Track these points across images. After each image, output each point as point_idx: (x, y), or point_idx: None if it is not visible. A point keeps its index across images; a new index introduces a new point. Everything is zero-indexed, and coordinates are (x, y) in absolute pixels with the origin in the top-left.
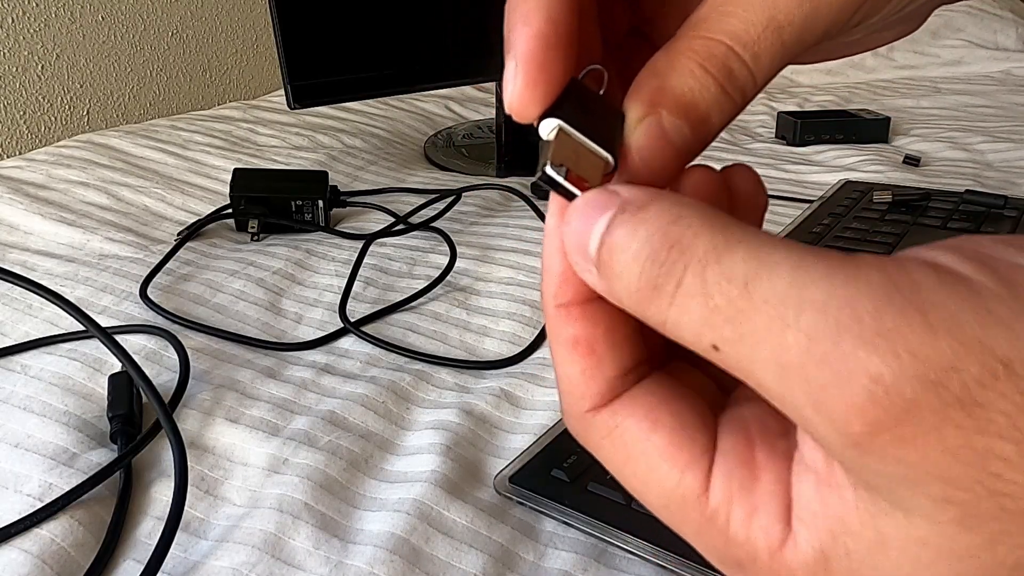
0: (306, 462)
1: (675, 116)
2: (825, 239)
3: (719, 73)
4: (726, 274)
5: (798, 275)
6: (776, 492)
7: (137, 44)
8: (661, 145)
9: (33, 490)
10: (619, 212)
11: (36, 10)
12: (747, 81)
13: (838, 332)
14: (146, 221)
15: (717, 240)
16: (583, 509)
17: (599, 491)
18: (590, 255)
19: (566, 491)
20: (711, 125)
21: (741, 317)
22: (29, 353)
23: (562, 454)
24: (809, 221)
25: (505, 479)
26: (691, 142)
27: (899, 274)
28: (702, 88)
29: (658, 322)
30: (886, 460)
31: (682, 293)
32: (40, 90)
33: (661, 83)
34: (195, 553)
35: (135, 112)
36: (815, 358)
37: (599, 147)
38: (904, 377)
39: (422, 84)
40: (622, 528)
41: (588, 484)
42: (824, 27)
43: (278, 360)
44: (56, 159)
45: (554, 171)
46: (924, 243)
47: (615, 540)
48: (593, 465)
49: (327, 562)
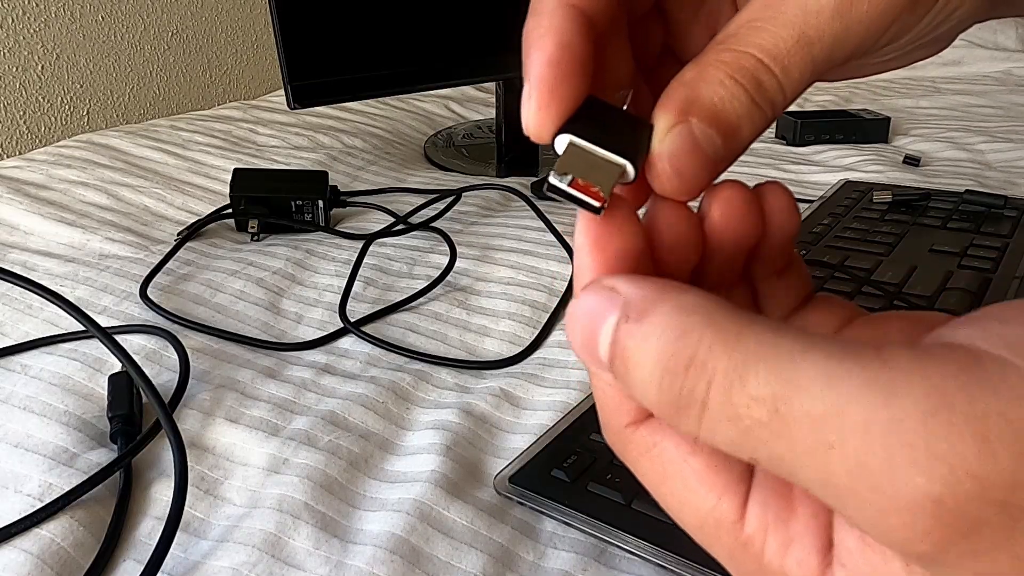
0: (306, 462)
1: (706, 125)
2: (825, 239)
3: (749, 84)
4: (752, 396)
5: (831, 395)
6: (813, 529)
7: (137, 44)
8: (691, 153)
9: (33, 490)
10: (623, 320)
11: (36, 10)
12: (776, 94)
13: (889, 457)
14: (146, 221)
15: (735, 359)
16: (583, 509)
17: (599, 491)
18: (602, 361)
19: (566, 491)
20: (741, 136)
21: (776, 440)
22: (29, 353)
23: (562, 454)
24: (809, 221)
25: (505, 479)
26: (721, 152)
27: (940, 377)
28: (732, 98)
29: (689, 434)
30: (958, 569)
31: (709, 417)
32: (40, 90)
33: (691, 93)
34: (195, 553)
35: (135, 112)
36: (868, 484)
37: (613, 154)
38: (968, 499)
39: (422, 84)
40: (622, 528)
41: (588, 484)
42: (854, 45)
43: (278, 360)
44: (56, 159)
45: (557, 179)
46: (924, 243)
47: (615, 540)
48: (593, 465)
49: (327, 562)
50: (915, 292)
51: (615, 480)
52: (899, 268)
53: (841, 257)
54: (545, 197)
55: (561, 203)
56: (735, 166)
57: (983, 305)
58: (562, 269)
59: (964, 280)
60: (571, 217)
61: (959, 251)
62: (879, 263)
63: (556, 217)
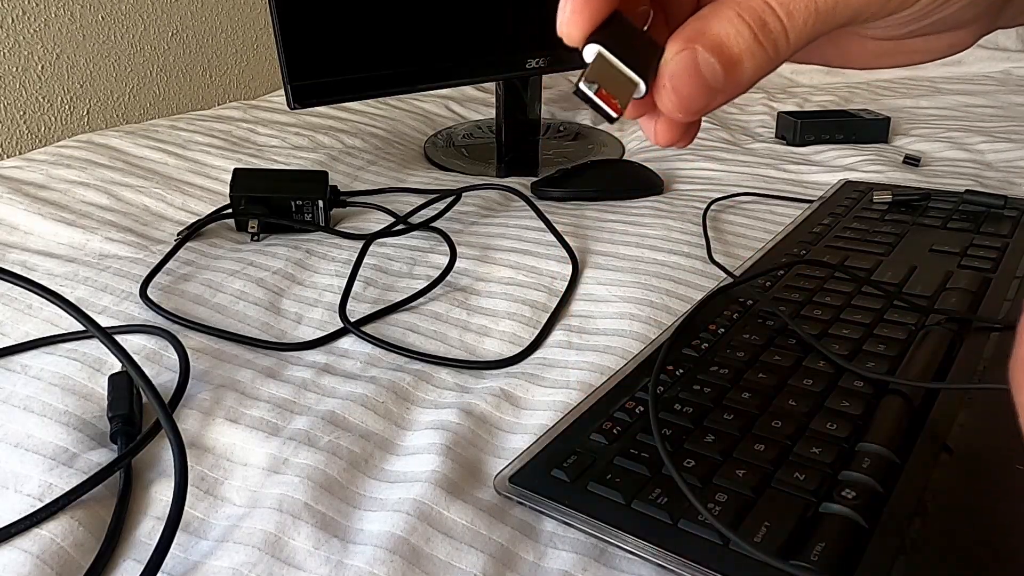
0: (306, 462)
1: (709, 54)
2: (825, 239)
3: (755, 23)
4: None
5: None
6: None
7: (137, 44)
8: (692, 76)
9: (33, 490)
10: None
11: (36, 10)
12: (780, 34)
13: None
14: (146, 221)
15: None
16: (583, 509)
17: (599, 491)
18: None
19: (566, 491)
20: (742, 69)
21: None
22: (29, 353)
23: (562, 454)
24: (809, 221)
25: (505, 479)
26: (721, 81)
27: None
28: (737, 33)
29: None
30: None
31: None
32: (40, 90)
33: (702, 25)
34: (195, 553)
35: (135, 112)
36: None
37: (631, 71)
38: None
39: (422, 84)
40: (622, 528)
41: (588, 484)
42: (856, 4)
43: (278, 360)
44: (56, 159)
45: (586, 86)
46: (924, 243)
47: (615, 540)
48: (593, 465)
49: (327, 562)
50: (915, 292)
51: (615, 480)
52: (899, 268)
53: (841, 257)
54: (545, 197)
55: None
56: (737, 166)
57: (981, 306)
58: (562, 269)
59: (964, 280)
60: (571, 217)
61: (959, 251)
62: (879, 263)
63: (556, 217)
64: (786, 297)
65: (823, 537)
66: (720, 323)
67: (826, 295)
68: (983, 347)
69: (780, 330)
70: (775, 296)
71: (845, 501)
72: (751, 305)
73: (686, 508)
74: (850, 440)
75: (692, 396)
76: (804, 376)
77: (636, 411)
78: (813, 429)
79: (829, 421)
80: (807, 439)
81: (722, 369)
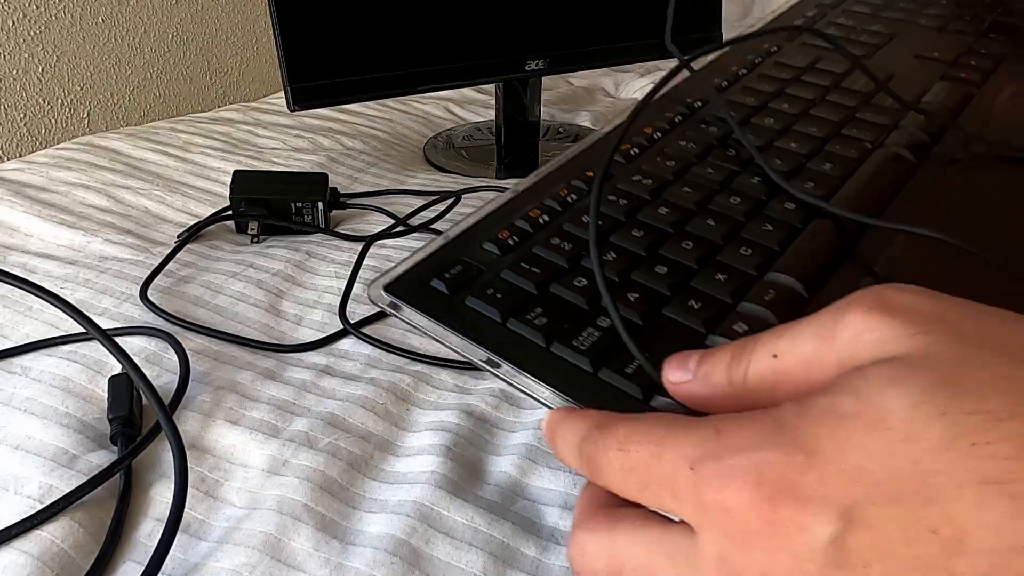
0: (306, 463)
1: None
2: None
3: None
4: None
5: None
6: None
7: (137, 46)
8: None
9: (33, 492)
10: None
11: (36, 12)
12: None
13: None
14: (146, 223)
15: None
16: (453, 325)
17: (476, 307)
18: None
19: (441, 304)
20: None
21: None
22: (29, 355)
23: (447, 264)
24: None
25: (380, 286)
26: None
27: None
28: None
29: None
30: None
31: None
32: (40, 92)
33: None
34: (195, 555)
35: (135, 114)
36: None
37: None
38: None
39: (422, 86)
40: (491, 348)
41: (467, 299)
42: None
43: (278, 362)
44: (56, 161)
45: None
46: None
47: (482, 363)
48: (477, 279)
49: (327, 564)
50: (883, 105)
51: (495, 296)
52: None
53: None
54: None
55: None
56: None
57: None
58: None
59: (943, 94)
60: None
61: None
62: (852, 70)
63: None
64: (740, 101)
65: None
66: (659, 126)
67: (784, 102)
68: (937, 182)
69: (724, 139)
70: (729, 99)
71: (733, 335)
72: (699, 107)
73: (563, 331)
74: (761, 268)
75: (605, 208)
76: (731, 194)
77: (540, 220)
78: (723, 254)
79: (744, 246)
80: (714, 264)
81: (645, 179)
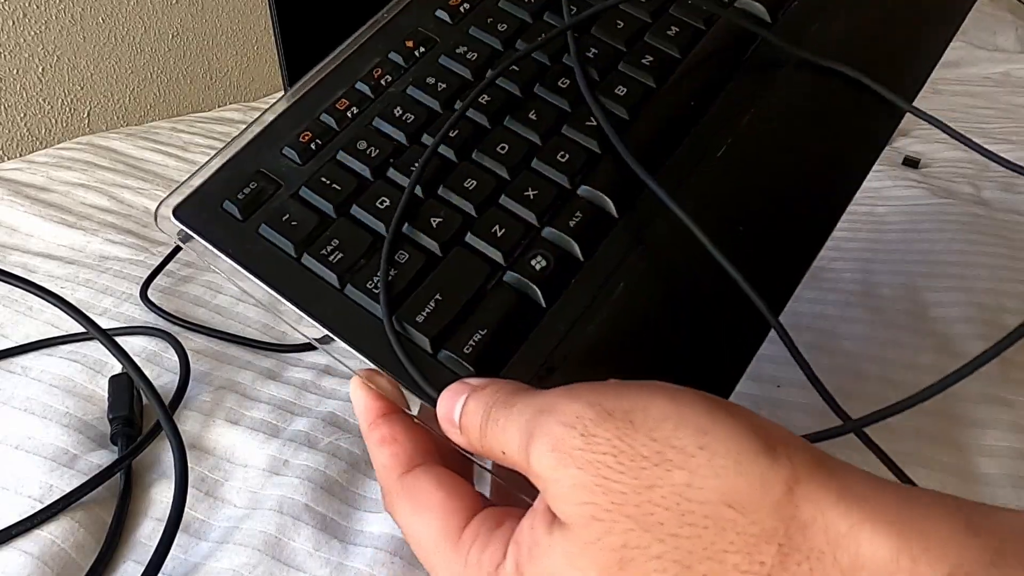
0: (306, 463)
1: None
2: None
3: None
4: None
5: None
6: (507, 536)
7: (137, 46)
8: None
9: (34, 491)
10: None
11: (36, 12)
12: None
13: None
14: (147, 223)
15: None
16: (246, 263)
17: (271, 237)
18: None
19: (234, 235)
20: None
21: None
22: (30, 355)
23: (242, 178)
24: None
25: (169, 211)
26: None
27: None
28: None
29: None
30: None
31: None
32: (40, 92)
33: None
34: (195, 554)
35: (136, 114)
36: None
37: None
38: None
39: None
40: (283, 292)
41: (260, 227)
42: None
43: (278, 362)
44: (57, 161)
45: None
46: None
47: (275, 308)
48: (273, 198)
49: (327, 563)
50: None
51: (291, 223)
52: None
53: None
54: None
55: None
56: None
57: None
58: None
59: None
60: None
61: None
62: None
63: None
64: None
65: (485, 322)
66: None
67: None
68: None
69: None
70: None
71: (528, 272)
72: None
73: (359, 268)
74: (575, 180)
75: (406, 106)
76: (560, 75)
77: (348, 114)
78: (538, 163)
79: (561, 151)
80: (525, 176)
81: (470, 52)
